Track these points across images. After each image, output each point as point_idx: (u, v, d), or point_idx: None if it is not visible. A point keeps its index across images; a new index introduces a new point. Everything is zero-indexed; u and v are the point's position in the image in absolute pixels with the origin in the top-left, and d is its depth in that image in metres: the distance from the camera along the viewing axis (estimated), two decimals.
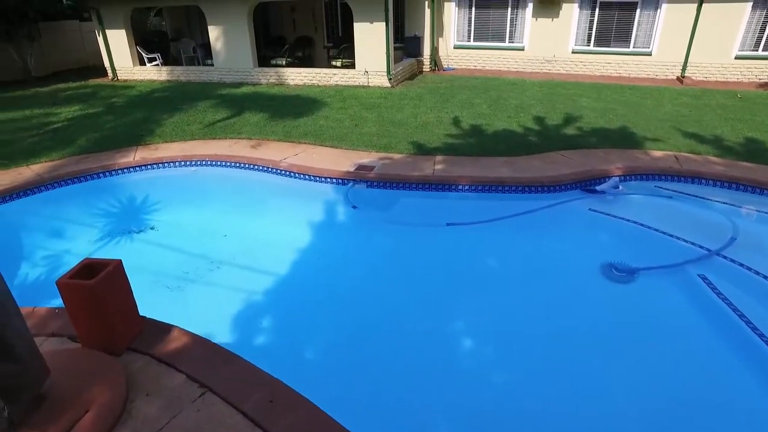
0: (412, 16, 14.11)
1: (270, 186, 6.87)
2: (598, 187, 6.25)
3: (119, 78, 14.77)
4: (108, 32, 14.32)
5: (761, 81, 12.98)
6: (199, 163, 7.33)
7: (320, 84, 12.62)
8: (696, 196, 6.19)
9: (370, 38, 11.52)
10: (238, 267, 5.16)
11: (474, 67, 14.74)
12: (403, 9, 13.84)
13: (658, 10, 12.98)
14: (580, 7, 13.46)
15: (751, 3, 12.39)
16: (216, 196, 7.01)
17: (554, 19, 13.68)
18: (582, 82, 12.75)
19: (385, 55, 11.50)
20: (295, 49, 14.75)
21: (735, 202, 6.08)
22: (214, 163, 7.29)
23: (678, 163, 6.88)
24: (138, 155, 7.57)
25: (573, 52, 13.93)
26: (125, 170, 7.20)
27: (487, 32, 14.47)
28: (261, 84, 13.06)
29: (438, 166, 6.58)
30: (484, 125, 8.60)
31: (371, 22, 11.34)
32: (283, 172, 6.75)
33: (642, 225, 5.57)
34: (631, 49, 13.55)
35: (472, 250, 5.38)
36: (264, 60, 13.75)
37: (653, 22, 13.15)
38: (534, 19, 13.81)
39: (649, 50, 13.42)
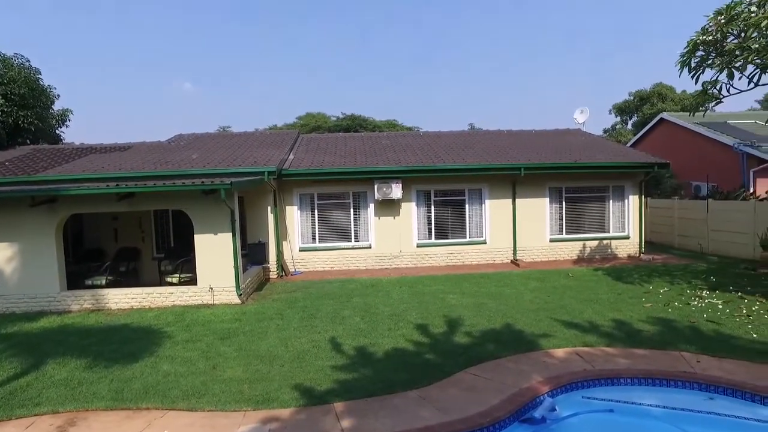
0: (254, 222, 13.22)
1: None
2: (536, 415, 5.22)
3: None
4: None
5: (572, 258, 14.84)
6: None
7: (153, 306, 10.12)
8: (627, 402, 5.59)
9: (214, 250, 9.99)
10: None
11: (322, 269, 14.01)
12: (244, 215, 12.91)
13: (483, 205, 14.49)
14: (417, 206, 14.33)
15: (548, 198, 14.78)
16: None
17: (396, 217, 14.19)
18: (435, 274, 12.82)
19: (233, 268, 9.95)
20: (118, 264, 12.24)
21: (667, 403, 5.61)
22: None
23: (585, 361, 6.46)
24: None
25: (418, 246, 14.34)
26: None
27: (331, 233, 14.25)
28: (71, 312, 9.93)
29: (345, 423, 4.85)
30: (369, 346, 7.32)
31: (215, 233, 9.95)
32: None
33: None
34: (468, 239, 14.53)
35: None
36: (75, 279, 10.86)
37: (481, 214, 14.55)
38: (377, 218, 14.14)
39: (483, 239, 14.55)
